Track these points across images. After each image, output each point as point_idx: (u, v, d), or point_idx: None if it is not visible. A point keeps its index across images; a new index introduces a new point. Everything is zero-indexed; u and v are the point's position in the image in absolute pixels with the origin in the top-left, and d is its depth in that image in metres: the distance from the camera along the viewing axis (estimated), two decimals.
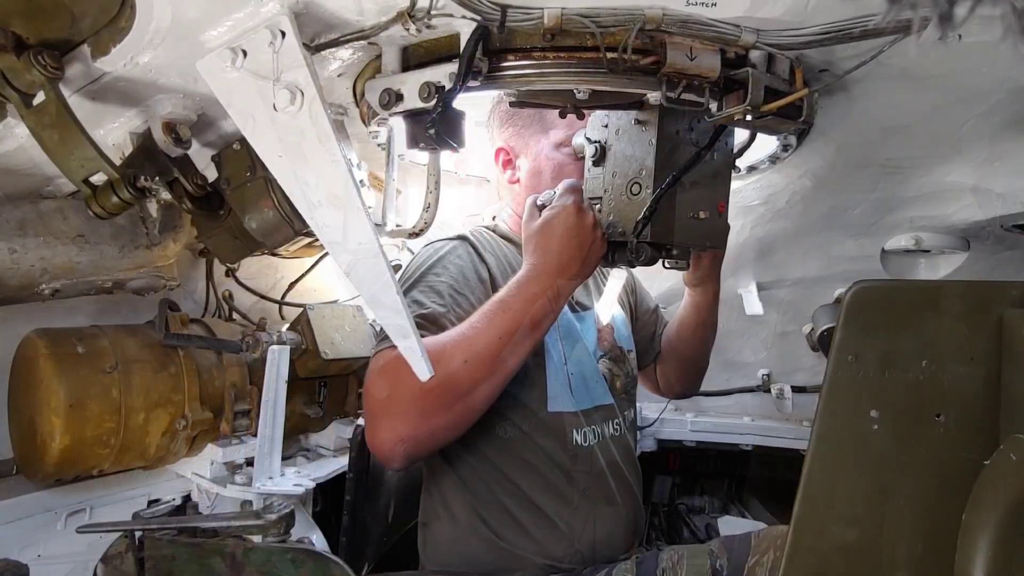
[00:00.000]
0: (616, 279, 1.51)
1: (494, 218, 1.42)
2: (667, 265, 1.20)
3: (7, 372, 1.36)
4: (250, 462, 1.48)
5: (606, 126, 1.14)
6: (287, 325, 1.68)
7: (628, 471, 1.36)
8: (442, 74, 0.89)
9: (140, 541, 0.88)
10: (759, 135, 1.24)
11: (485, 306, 1.06)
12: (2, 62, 0.83)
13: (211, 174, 1.21)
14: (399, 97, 0.93)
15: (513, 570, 1.18)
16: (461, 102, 0.91)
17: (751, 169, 1.38)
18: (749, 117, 0.90)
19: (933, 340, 0.72)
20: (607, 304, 1.49)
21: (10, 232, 1.17)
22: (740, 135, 1.22)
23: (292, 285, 1.94)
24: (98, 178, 0.96)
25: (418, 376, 0.84)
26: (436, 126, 0.91)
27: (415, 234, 1.17)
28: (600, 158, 1.14)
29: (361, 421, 1.49)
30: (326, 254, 1.75)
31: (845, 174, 1.35)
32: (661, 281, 1.98)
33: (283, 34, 0.81)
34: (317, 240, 1.27)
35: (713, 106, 0.91)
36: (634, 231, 1.05)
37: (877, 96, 1.02)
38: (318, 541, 1.42)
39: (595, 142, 1.14)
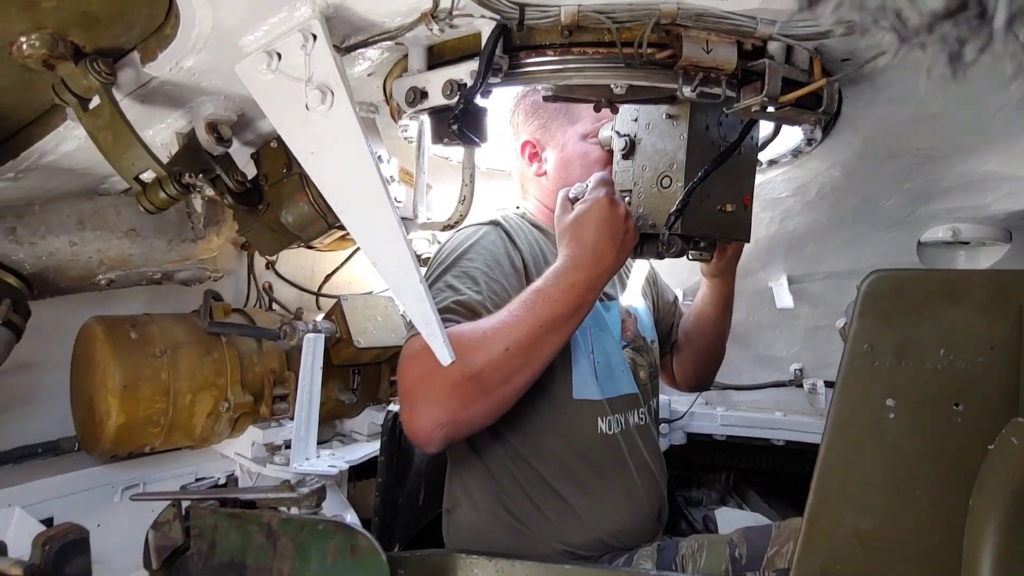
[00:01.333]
0: (639, 270, 1.51)
1: (518, 208, 1.45)
2: (691, 257, 1.21)
3: (70, 356, 1.47)
4: (288, 444, 1.56)
5: (636, 120, 1.15)
6: (323, 315, 1.75)
7: (652, 461, 1.36)
8: (464, 72, 0.92)
9: (186, 511, 0.95)
10: (784, 129, 1.24)
11: (523, 295, 1.07)
12: (62, 70, 0.90)
13: (251, 171, 1.28)
14: (424, 95, 0.97)
15: (533, 554, 1.21)
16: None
17: (772, 163, 1.37)
18: (769, 108, 0.90)
19: (951, 329, 0.72)
20: (632, 294, 1.51)
21: (71, 226, 1.27)
22: (765, 128, 1.22)
23: (328, 277, 2.02)
24: (147, 175, 1.02)
25: (440, 361, 0.88)
26: (459, 122, 0.94)
27: (450, 226, 1.20)
28: (630, 151, 1.16)
29: (392, 407, 1.55)
30: (359, 247, 1.81)
31: (875, 164, 1.32)
32: (688, 274, 1.97)
33: (314, 37, 0.85)
34: (349, 233, 1.33)
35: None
36: (666, 223, 1.07)
37: (903, 85, 1.01)
38: (351, 520, 1.49)
39: (625, 135, 1.16)
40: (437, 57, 0.99)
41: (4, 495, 1.32)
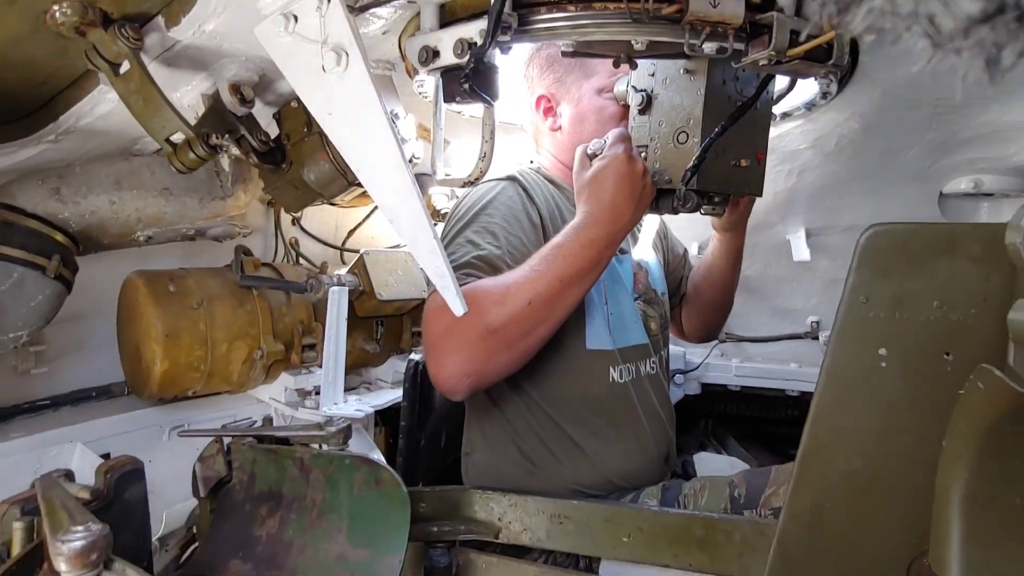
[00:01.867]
0: (650, 224, 1.53)
1: (532, 162, 1.47)
2: (704, 212, 1.23)
3: (115, 307, 1.58)
4: (318, 390, 1.66)
5: (653, 75, 1.15)
6: (346, 269, 1.82)
7: (661, 408, 1.42)
8: (474, 30, 0.93)
9: (227, 447, 1.04)
10: (800, 83, 1.23)
11: (543, 250, 1.10)
12: (93, 36, 0.95)
13: (273, 131, 1.33)
14: (436, 54, 0.98)
15: (545, 492, 1.29)
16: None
17: (785, 116, 1.36)
18: (782, 62, 0.90)
19: (946, 282, 0.73)
20: (643, 248, 1.53)
21: (109, 186, 1.34)
22: (781, 82, 1.20)
23: (351, 232, 2.08)
24: (177, 137, 1.06)
25: (453, 312, 0.93)
26: (469, 81, 0.96)
27: (470, 182, 1.22)
28: (646, 107, 1.16)
29: (414, 356, 1.62)
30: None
31: (895, 115, 1.30)
32: (704, 228, 1.97)
33: None
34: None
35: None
36: (683, 179, 1.08)
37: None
38: (377, 457, 1.59)
39: (641, 91, 1.16)
40: (449, 15, 1.00)
41: (66, 432, 1.45)
